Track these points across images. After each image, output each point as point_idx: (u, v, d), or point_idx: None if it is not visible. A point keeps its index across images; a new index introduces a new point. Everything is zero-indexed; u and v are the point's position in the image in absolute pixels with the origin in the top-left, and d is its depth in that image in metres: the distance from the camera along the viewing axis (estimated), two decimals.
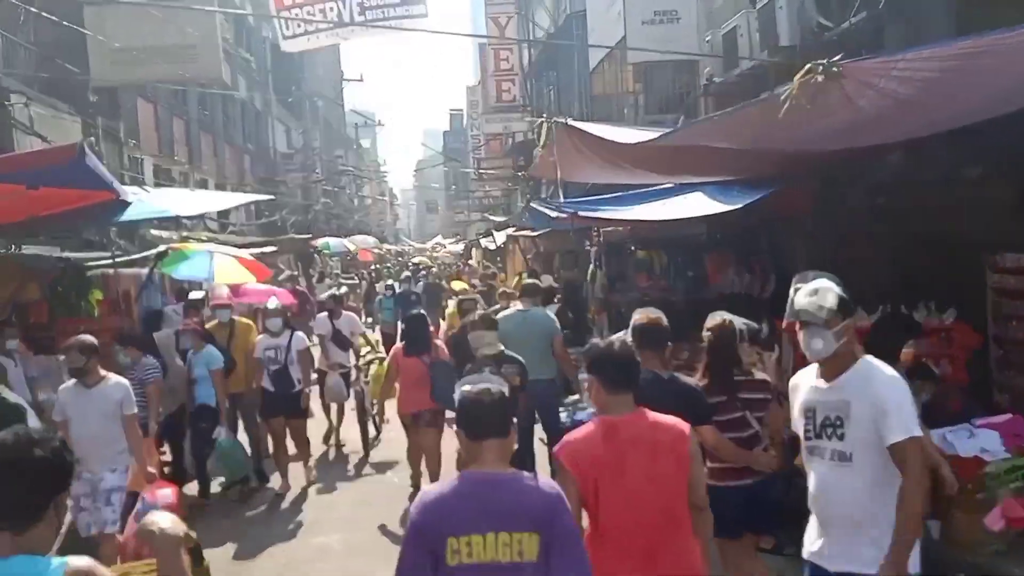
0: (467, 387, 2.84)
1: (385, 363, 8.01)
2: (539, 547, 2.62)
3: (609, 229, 10.49)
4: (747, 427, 4.14)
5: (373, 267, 33.30)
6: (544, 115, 8.08)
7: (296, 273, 21.80)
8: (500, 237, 25.57)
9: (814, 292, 3.17)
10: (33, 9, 13.30)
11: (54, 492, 1.99)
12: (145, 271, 13.16)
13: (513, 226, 17.53)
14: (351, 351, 10.25)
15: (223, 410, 7.75)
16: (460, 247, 43.87)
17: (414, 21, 12.88)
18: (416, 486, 7.24)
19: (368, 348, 10.99)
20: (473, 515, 2.63)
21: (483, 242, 31.63)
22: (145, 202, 7.46)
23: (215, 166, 25.94)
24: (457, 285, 17.82)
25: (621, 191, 10.26)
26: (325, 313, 10.43)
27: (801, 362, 3.80)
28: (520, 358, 5.92)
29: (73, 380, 5.76)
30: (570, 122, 6.63)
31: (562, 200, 9.51)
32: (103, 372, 5.69)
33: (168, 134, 21.47)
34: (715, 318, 4.35)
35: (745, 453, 4.10)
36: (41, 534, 1.94)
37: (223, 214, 26.61)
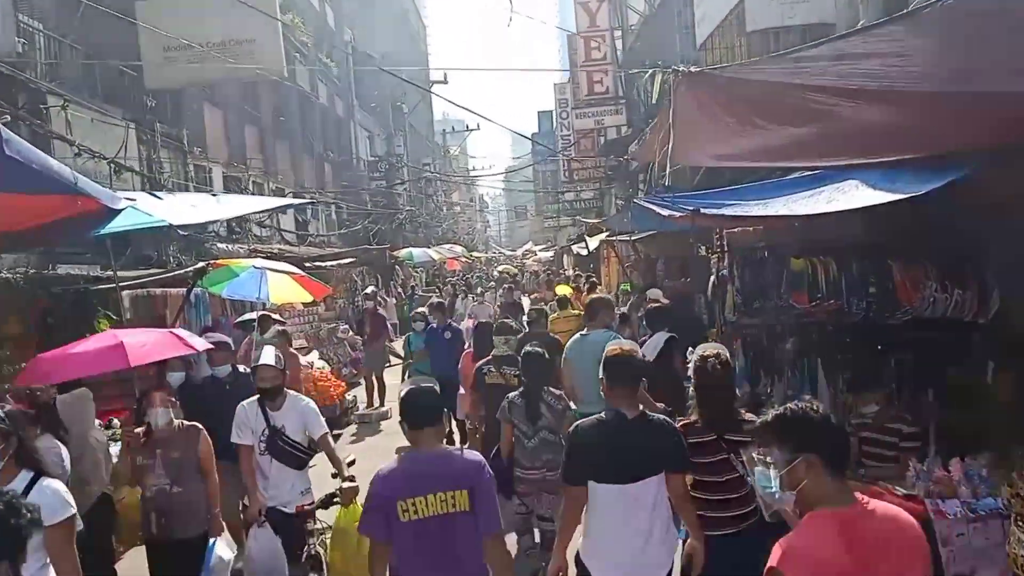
0: (408, 389, 3.72)
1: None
2: (468, 500, 3.42)
3: (736, 230, 8.28)
4: (730, 471, 3.85)
5: (455, 277, 31.49)
6: (660, 64, 5.97)
7: (377, 289, 20.27)
8: (593, 242, 23.53)
9: None
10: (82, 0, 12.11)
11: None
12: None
13: (608, 229, 15.39)
14: None
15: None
16: (551, 254, 42.03)
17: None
18: None
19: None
20: (416, 482, 3.43)
21: (575, 248, 29.60)
22: (138, 211, 5.72)
23: (292, 175, 24.79)
24: (561, 290, 16.38)
25: (739, 184, 8.10)
26: None
27: None
28: (517, 358, 6.06)
29: None
30: (697, 69, 4.51)
31: (674, 195, 7.39)
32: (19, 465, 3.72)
33: (239, 142, 20.34)
34: (707, 349, 4.11)
35: (693, 514, 3.80)
36: None
37: (301, 225, 25.55)
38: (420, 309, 10.64)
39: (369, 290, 13.23)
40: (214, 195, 7.94)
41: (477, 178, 54.44)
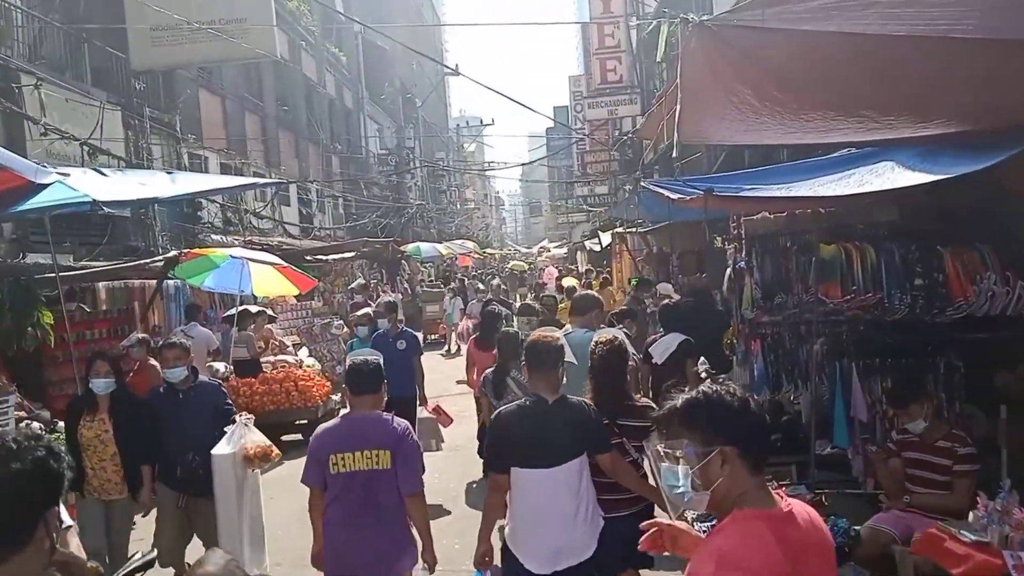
0: (353, 360, 4.22)
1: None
2: (390, 460, 3.92)
3: (754, 217, 7.43)
4: (624, 455, 3.87)
5: (467, 273, 30.68)
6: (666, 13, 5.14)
7: (374, 281, 19.48)
8: (606, 237, 22.70)
9: None
10: None
11: (42, 509, 1.66)
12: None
13: (619, 221, 14.53)
14: None
15: None
16: (564, 250, 41.24)
17: None
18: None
19: None
20: (347, 440, 3.96)
21: (588, 244, 28.77)
22: (66, 186, 4.99)
23: (296, 166, 24.08)
24: (567, 282, 16.82)
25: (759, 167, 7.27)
26: None
27: None
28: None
29: None
30: (711, 20, 3.71)
31: (685, 178, 6.55)
32: None
33: (239, 130, 19.65)
34: (604, 334, 4.15)
35: (644, 482, 3.76)
36: (27, 560, 1.63)
37: (306, 218, 24.84)
38: (365, 310, 8.73)
39: (356, 284, 12.34)
40: (170, 173, 7.15)
41: (490, 172, 53.55)
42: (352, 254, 18.38)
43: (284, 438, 9.82)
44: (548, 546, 3.61)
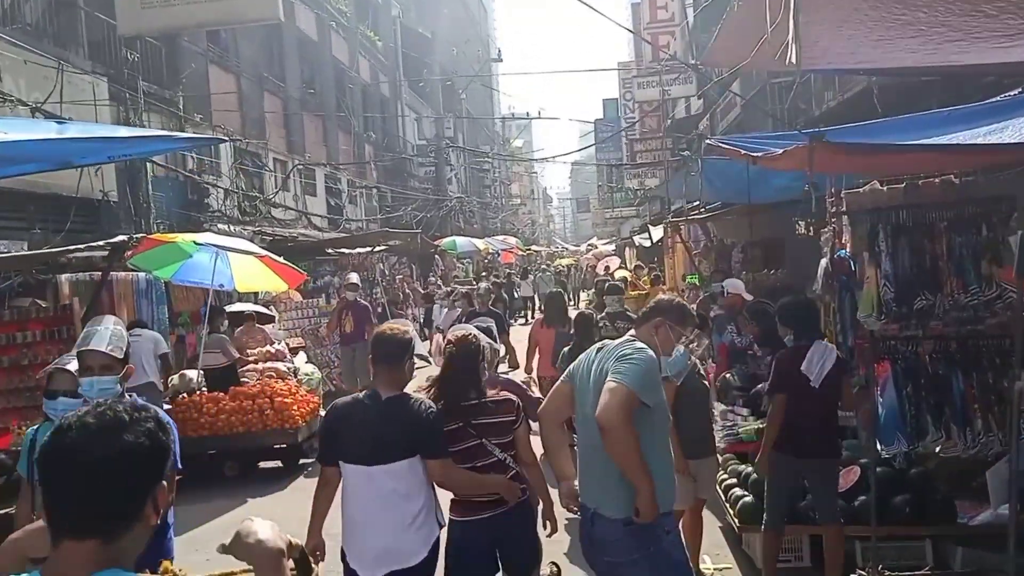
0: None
1: None
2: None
3: (862, 190, 5.50)
4: (487, 455, 3.63)
5: (512, 270, 28.84)
6: None
7: (400, 277, 17.76)
8: (657, 232, 20.66)
9: None
10: None
11: (152, 484, 1.54)
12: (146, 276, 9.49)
13: (670, 210, 12.47)
14: None
15: None
16: (612, 247, 39.24)
17: None
18: None
19: None
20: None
21: (637, 239, 26.70)
22: None
23: (325, 154, 22.51)
24: (619, 274, 16.76)
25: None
26: None
27: None
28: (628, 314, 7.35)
29: None
30: None
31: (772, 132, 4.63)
32: None
33: (256, 113, 18.11)
34: (457, 332, 3.95)
35: (481, 478, 3.60)
36: (135, 538, 1.53)
37: (334, 209, 23.26)
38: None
39: (353, 277, 10.40)
40: (61, 122, 5.42)
41: (535, 158, 51.71)
42: (382, 248, 16.67)
43: (262, 465, 8.12)
44: (371, 547, 3.47)
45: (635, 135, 26.06)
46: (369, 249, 15.55)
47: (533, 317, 22.06)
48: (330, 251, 16.58)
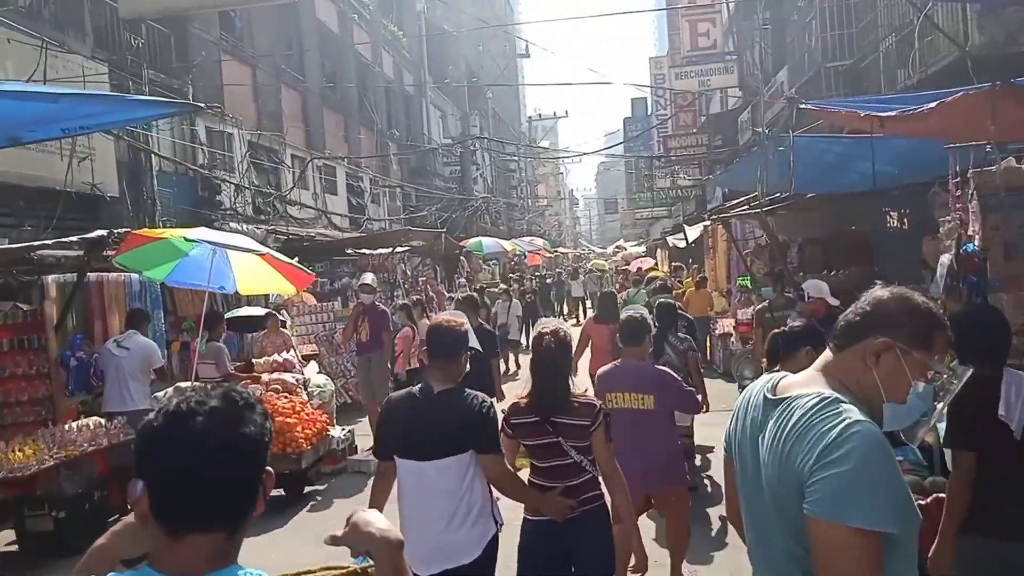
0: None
1: None
2: (653, 401, 4.45)
3: (995, 167, 4.43)
4: (563, 455, 3.55)
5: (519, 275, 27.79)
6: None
7: (423, 279, 16.83)
8: (694, 232, 19.54)
9: None
10: None
11: (264, 470, 1.48)
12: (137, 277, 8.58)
13: (710, 210, 11.33)
14: None
15: None
16: (642, 249, 38.09)
17: None
18: None
19: None
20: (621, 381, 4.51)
21: (671, 240, 25.54)
22: None
23: (345, 151, 21.66)
24: (653, 273, 15.72)
25: None
26: None
27: None
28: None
29: None
30: None
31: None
32: None
33: (273, 107, 17.27)
34: (545, 324, 3.82)
35: (524, 488, 3.61)
36: (246, 529, 1.47)
37: (356, 208, 22.38)
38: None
39: (367, 277, 9.30)
40: (56, 97, 4.52)
41: (563, 155, 50.67)
42: (404, 248, 15.72)
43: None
44: (424, 545, 3.34)
45: (667, 132, 24.88)
46: (390, 249, 14.62)
47: (585, 317, 21.42)
48: (349, 251, 15.72)
